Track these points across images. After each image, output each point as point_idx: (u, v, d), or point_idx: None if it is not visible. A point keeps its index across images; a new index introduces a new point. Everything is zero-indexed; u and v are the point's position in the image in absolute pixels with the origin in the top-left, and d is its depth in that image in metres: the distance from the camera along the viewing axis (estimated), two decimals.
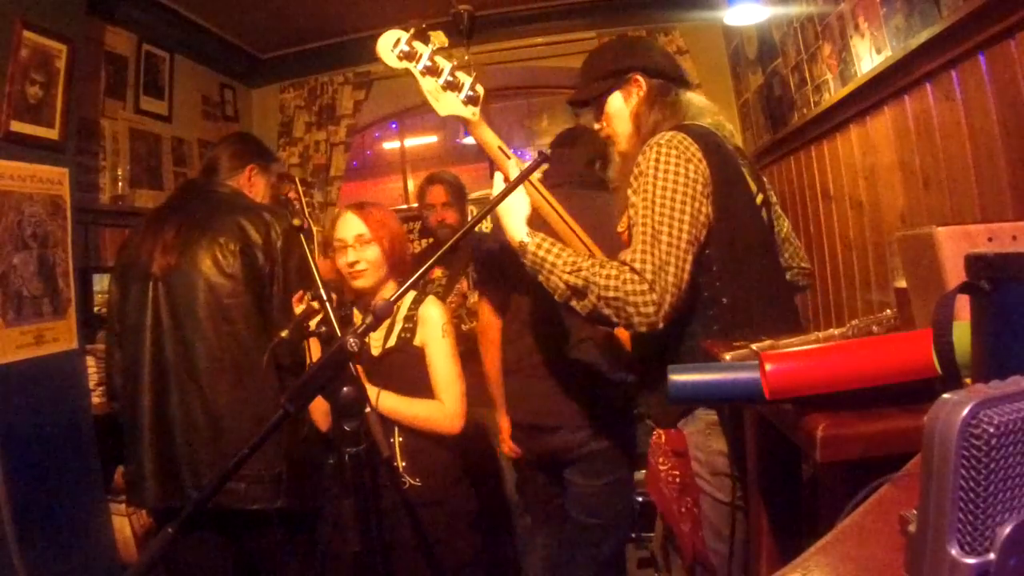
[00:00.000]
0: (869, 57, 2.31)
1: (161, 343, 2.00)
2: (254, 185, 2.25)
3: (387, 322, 1.96)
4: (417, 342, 1.93)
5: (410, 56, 1.52)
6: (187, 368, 1.98)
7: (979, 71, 1.79)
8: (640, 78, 1.64)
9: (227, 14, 3.70)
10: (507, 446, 2.38)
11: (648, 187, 1.41)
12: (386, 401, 1.85)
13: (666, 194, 1.40)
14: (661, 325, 1.34)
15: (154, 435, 1.97)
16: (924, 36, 1.92)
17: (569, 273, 1.40)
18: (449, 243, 1.31)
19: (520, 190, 1.50)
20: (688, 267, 1.38)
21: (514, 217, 1.50)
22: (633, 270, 1.35)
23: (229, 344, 1.99)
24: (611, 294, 1.35)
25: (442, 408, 1.90)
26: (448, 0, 3.38)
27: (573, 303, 1.42)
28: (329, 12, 3.81)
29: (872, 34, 2.27)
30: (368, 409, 1.30)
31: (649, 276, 1.33)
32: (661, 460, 1.52)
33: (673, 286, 1.34)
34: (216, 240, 2.02)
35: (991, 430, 0.39)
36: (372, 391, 1.85)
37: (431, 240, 3.07)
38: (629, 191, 1.48)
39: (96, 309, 2.78)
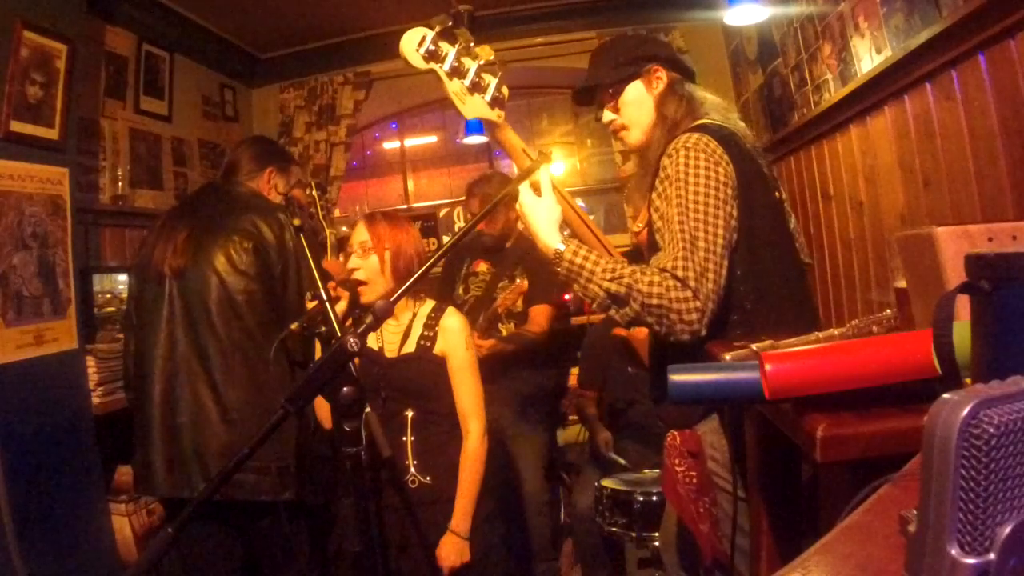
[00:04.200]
0: (869, 57, 2.31)
1: (174, 337, 2.02)
2: (273, 188, 2.29)
3: (404, 326, 1.97)
4: (437, 351, 1.93)
5: (436, 56, 1.45)
6: (199, 361, 1.99)
7: (979, 71, 1.79)
8: (662, 69, 1.62)
9: (227, 14, 3.70)
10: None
11: (680, 191, 1.38)
12: (462, 508, 1.87)
13: (699, 199, 1.37)
14: (704, 333, 1.32)
15: (163, 425, 1.98)
16: (924, 36, 1.92)
17: (610, 280, 1.37)
18: (449, 243, 1.34)
19: (549, 197, 1.48)
20: (724, 272, 1.36)
21: (545, 225, 1.46)
22: (675, 277, 1.32)
23: (241, 339, 2.01)
24: (654, 302, 1.32)
25: (473, 441, 1.91)
26: (448, 0, 3.38)
27: (612, 311, 1.39)
28: (329, 12, 3.80)
29: (872, 34, 2.27)
30: (368, 409, 1.30)
31: (692, 284, 1.31)
32: (677, 462, 1.51)
33: (714, 292, 1.33)
34: (231, 238, 2.05)
35: (991, 430, 0.39)
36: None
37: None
38: (654, 194, 1.45)
39: (96, 309, 2.78)
